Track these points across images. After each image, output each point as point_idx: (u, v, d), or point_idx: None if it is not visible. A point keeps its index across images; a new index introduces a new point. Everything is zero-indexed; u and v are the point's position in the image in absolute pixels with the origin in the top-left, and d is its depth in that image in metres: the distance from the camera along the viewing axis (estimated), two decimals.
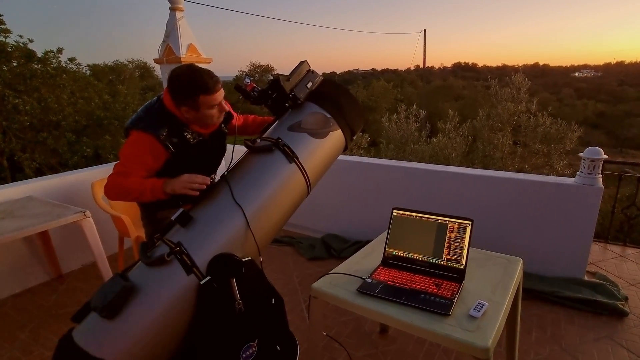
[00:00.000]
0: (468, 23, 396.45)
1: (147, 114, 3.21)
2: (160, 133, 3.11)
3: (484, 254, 3.61)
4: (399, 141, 23.56)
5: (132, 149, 3.16)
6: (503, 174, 5.69)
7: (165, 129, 3.13)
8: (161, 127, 3.13)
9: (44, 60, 20.55)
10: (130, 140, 3.17)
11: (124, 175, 3.13)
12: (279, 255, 6.60)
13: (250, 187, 2.79)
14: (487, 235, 5.36)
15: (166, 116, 3.16)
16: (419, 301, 2.88)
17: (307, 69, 3.28)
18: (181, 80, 3.05)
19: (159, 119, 3.16)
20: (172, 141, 3.15)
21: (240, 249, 2.65)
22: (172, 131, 3.15)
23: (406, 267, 3.32)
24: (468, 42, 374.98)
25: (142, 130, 3.12)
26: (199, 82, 3.04)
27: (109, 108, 21.91)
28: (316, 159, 3.05)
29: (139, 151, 3.13)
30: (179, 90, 3.06)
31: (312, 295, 3.21)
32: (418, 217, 3.41)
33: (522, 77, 22.11)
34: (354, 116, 3.30)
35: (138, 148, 3.14)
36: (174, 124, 3.17)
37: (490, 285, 3.10)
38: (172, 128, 3.16)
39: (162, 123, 3.15)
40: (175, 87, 3.07)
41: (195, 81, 3.03)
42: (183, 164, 3.21)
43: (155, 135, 3.10)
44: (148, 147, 3.11)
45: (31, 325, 4.96)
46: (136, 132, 3.14)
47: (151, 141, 3.10)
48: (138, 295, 2.45)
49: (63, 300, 5.51)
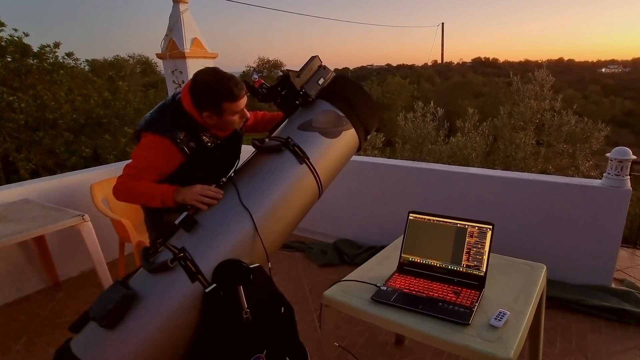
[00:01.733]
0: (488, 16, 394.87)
1: (162, 115, 3.18)
2: (177, 136, 3.07)
3: (505, 260, 3.60)
4: (416, 141, 23.48)
5: (146, 152, 3.13)
6: (526, 176, 5.68)
7: (182, 131, 3.09)
8: (177, 129, 3.09)
9: (40, 55, 20.54)
10: (144, 143, 3.14)
11: (135, 178, 3.11)
12: (289, 261, 6.62)
13: (258, 189, 2.79)
14: (509, 241, 5.35)
15: (183, 118, 3.13)
16: (437, 310, 2.86)
17: (318, 64, 3.28)
18: (208, 85, 3.01)
19: (175, 120, 3.13)
20: (189, 145, 3.12)
21: (248, 255, 2.66)
22: (188, 134, 3.12)
23: (423, 274, 3.31)
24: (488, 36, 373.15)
25: (158, 133, 3.08)
26: (225, 89, 3.01)
27: (109, 106, 21.86)
28: (328, 160, 3.06)
29: (153, 155, 3.10)
30: (203, 95, 3.03)
31: (323, 304, 3.20)
32: (436, 221, 3.40)
33: (545, 73, 21.98)
34: (368, 114, 3.30)
35: (152, 151, 3.11)
36: (191, 127, 3.14)
37: (512, 293, 3.09)
38: (189, 131, 3.13)
39: (178, 125, 3.11)
40: (200, 91, 3.04)
41: (222, 87, 3.00)
42: (197, 167, 3.21)
43: (171, 139, 3.06)
44: (163, 150, 3.07)
45: (26, 336, 4.96)
46: (151, 135, 3.10)
47: (167, 145, 3.06)
48: (140, 303, 2.46)
49: (60, 309, 5.52)
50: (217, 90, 3.00)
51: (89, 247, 5.04)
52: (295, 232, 7.22)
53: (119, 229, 5.60)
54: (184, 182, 3.07)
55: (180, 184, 3.08)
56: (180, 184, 3.08)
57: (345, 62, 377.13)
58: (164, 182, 3.14)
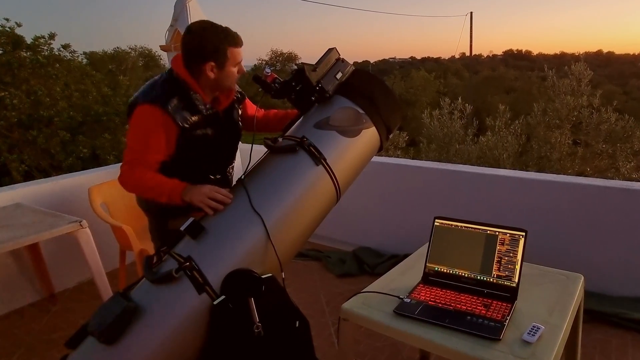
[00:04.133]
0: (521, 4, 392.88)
1: (153, 88, 3.27)
2: (169, 104, 3.15)
3: (539, 269, 3.58)
4: (442, 140, 23.47)
5: (138, 126, 3.22)
6: (561, 178, 5.66)
7: (174, 99, 3.19)
8: (169, 98, 3.18)
9: (34, 48, 20.64)
10: (135, 117, 3.22)
11: (140, 163, 3.19)
12: (304, 271, 6.62)
13: (270, 192, 2.79)
14: (543, 249, 5.31)
15: (175, 85, 3.24)
16: (465, 324, 2.85)
17: (336, 57, 3.28)
18: (208, 32, 3.16)
19: (167, 89, 3.22)
20: (183, 115, 3.20)
21: (260, 264, 2.66)
22: (181, 101, 3.21)
23: (450, 285, 3.29)
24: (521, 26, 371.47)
25: (147, 102, 3.17)
26: (226, 33, 3.17)
27: (109, 102, 21.87)
28: (347, 161, 3.05)
29: (147, 127, 3.18)
30: (203, 43, 3.15)
31: (342, 317, 3.19)
32: (464, 228, 3.39)
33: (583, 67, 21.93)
34: (390, 111, 3.29)
35: (145, 123, 3.18)
36: (183, 93, 3.23)
37: (546, 306, 3.07)
38: (182, 97, 3.22)
39: (171, 94, 3.20)
40: (199, 40, 3.16)
41: (223, 32, 3.16)
42: (195, 147, 3.29)
43: (162, 107, 3.14)
44: (155, 120, 3.15)
45: (19, 352, 4.98)
46: (140, 107, 3.19)
47: (159, 113, 3.14)
48: (142, 317, 2.46)
49: (56, 323, 5.54)
50: (220, 35, 3.15)
51: (86, 256, 5.04)
52: (311, 239, 7.22)
53: (119, 236, 5.60)
54: (187, 169, 3.14)
55: (183, 171, 3.14)
56: (183, 171, 3.14)
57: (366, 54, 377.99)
58: (171, 176, 3.20)
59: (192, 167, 3.32)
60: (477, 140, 22.97)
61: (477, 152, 22.05)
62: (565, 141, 21.28)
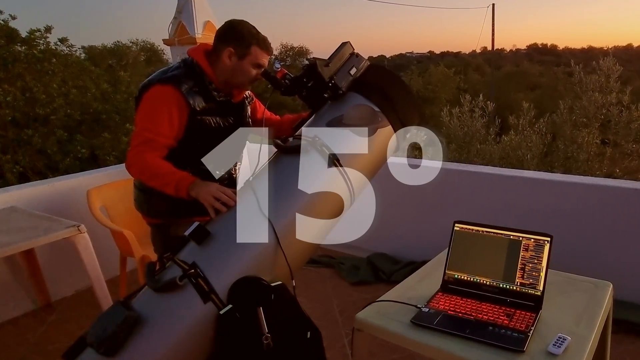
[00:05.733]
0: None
1: (167, 71, 3.42)
2: (183, 84, 3.28)
3: (565, 277, 3.58)
4: (462, 140, 23.44)
5: (150, 105, 3.34)
6: (589, 180, 5.66)
7: (189, 82, 3.32)
8: (184, 79, 3.32)
9: (29, 42, 20.68)
10: (146, 97, 3.35)
11: (149, 146, 3.27)
12: (316, 279, 6.62)
13: (280, 196, 2.79)
14: (570, 255, 5.29)
15: (191, 71, 3.37)
16: (487, 335, 2.85)
17: (350, 51, 3.28)
18: (245, 26, 3.36)
19: (182, 73, 3.36)
20: (195, 99, 3.33)
21: (269, 271, 2.65)
22: (196, 86, 3.34)
23: (471, 294, 3.29)
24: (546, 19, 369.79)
25: (159, 83, 3.31)
26: (259, 35, 3.36)
27: (109, 99, 21.90)
28: (361, 162, 3.04)
29: (160, 105, 3.29)
30: (235, 30, 3.36)
31: (356, 328, 3.19)
32: (485, 233, 3.39)
33: (612, 62, 21.86)
34: (407, 109, 3.28)
35: (158, 102, 3.30)
36: (198, 79, 3.36)
37: (573, 316, 3.07)
38: (197, 83, 3.35)
39: (185, 77, 3.34)
40: (232, 27, 3.38)
41: (257, 31, 3.37)
42: (204, 134, 3.38)
43: (176, 86, 3.26)
44: (169, 99, 3.27)
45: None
46: (153, 87, 3.32)
47: (173, 92, 3.26)
48: (144, 327, 2.47)
49: (52, 334, 5.55)
50: (251, 32, 3.34)
51: (85, 263, 5.05)
52: (323, 245, 7.22)
53: (120, 242, 5.60)
54: (194, 160, 3.27)
55: (190, 162, 3.27)
56: (190, 162, 3.27)
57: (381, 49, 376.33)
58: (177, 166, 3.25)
59: (199, 158, 3.35)
60: (499, 140, 22.95)
61: (499, 153, 22.01)
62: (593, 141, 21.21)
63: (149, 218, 3.82)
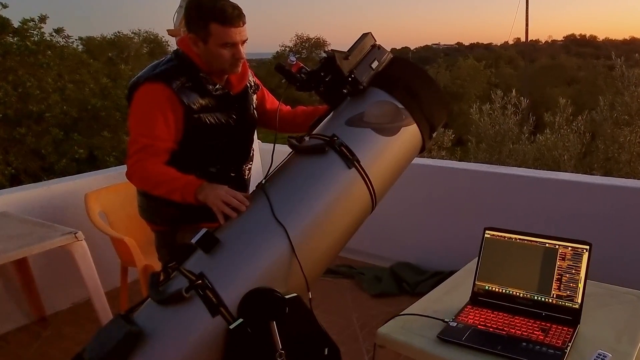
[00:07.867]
0: None
1: (155, 67, 3.39)
2: (173, 81, 3.25)
3: (606, 288, 3.58)
4: (493, 139, 23.36)
5: (141, 108, 3.33)
6: (632, 183, 5.64)
7: (181, 78, 3.29)
8: (174, 75, 3.29)
9: (22, 32, 20.76)
10: (136, 100, 3.33)
11: (147, 155, 3.26)
12: (334, 290, 6.61)
13: (295, 200, 2.80)
14: (611, 264, 5.27)
15: (181, 65, 3.36)
16: (520, 352, 2.84)
17: (371, 43, 3.28)
18: (198, 3, 3.27)
19: (172, 68, 3.34)
20: (190, 96, 3.30)
21: (283, 283, 2.65)
22: (189, 81, 3.31)
23: (503, 307, 3.28)
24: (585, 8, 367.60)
25: (148, 81, 3.29)
26: (216, 8, 3.20)
27: (108, 95, 21.93)
28: (383, 163, 3.05)
29: (151, 108, 3.29)
30: (192, 12, 3.28)
31: (377, 344, 3.20)
32: (518, 240, 3.38)
33: None
34: (433, 106, 3.28)
35: (149, 104, 3.29)
36: (191, 73, 3.33)
37: (614, 331, 3.06)
38: (190, 78, 3.32)
39: (176, 72, 3.32)
40: (190, 8, 3.30)
41: (214, 6, 3.20)
42: (205, 134, 3.37)
43: (166, 83, 3.24)
44: (159, 99, 3.25)
45: None
46: (142, 86, 3.29)
47: (163, 91, 3.24)
48: (147, 343, 2.46)
49: (47, 350, 5.56)
50: (207, 8, 3.22)
51: (82, 273, 5.05)
52: (342, 254, 7.19)
53: (120, 250, 5.59)
54: (198, 162, 3.32)
55: (194, 165, 3.29)
56: (194, 165, 3.29)
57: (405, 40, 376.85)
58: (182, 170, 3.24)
59: (204, 160, 3.36)
60: (533, 139, 22.88)
61: (534, 153, 21.94)
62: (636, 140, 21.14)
63: (154, 225, 3.83)
